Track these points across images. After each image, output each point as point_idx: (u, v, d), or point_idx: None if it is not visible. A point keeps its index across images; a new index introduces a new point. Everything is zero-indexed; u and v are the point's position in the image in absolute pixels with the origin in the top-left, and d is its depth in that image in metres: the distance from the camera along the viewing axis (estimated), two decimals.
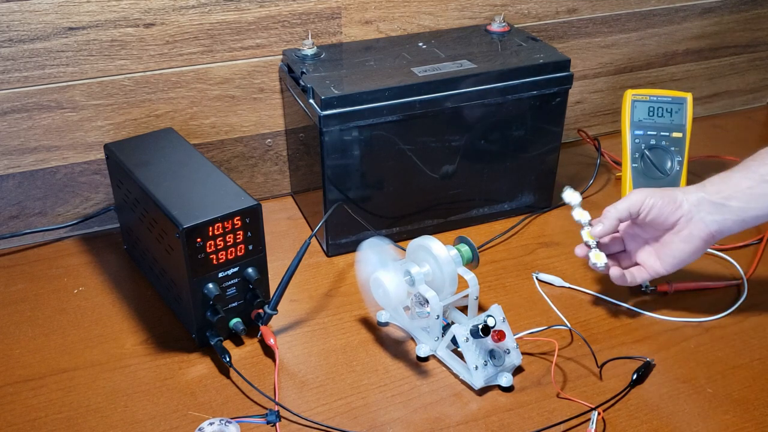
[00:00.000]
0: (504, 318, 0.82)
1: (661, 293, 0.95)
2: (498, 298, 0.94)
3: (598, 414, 0.76)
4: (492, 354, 0.81)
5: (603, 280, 0.97)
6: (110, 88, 1.00)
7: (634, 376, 0.81)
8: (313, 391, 0.81)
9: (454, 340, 0.81)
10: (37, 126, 0.99)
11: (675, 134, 1.08)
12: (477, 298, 0.85)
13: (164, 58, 1.01)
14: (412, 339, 0.88)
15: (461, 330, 0.80)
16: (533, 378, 0.82)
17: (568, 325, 0.89)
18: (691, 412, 0.78)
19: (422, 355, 0.85)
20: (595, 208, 1.14)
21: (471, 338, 0.80)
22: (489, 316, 0.80)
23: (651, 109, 1.09)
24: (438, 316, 0.82)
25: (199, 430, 0.74)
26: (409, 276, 0.83)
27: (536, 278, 0.97)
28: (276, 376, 0.81)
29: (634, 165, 1.08)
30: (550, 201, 1.14)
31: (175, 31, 1.00)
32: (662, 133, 1.08)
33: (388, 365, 0.84)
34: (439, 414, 0.78)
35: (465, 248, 0.86)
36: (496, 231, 1.08)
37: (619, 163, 1.19)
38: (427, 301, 0.82)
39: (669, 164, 1.07)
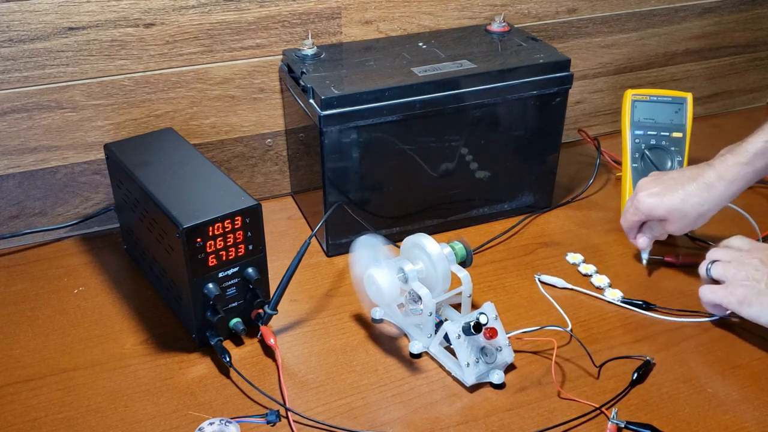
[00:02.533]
0: (496, 316, 0.82)
1: (669, 264, 0.97)
2: (498, 298, 0.94)
3: (600, 413, 0.77)
4: (484, 351, 0.81)
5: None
6: (110, 88, 1.00)
7: (635, 376, 0.81)
8: (313, 391, 0.81)
9: (446, 337, 0.81)
10: (37, 126, 0.99)
11: (675, 134, 1.08)
12: (470, 295, 0.85)
13: (164, 58, 1.01)
14: (406, 336, 0.88)
15: (453, 327, 0.80)
16: (533, 378, 0.82)
17: (570, 325, 0.89)
18: (691, 412, 0.78)
19: (415, 351, 0.85)
20: (595, 208, 1.15)
21: (463, 335, 0.80)
22: (481, 313, 0.80)
23: (651, 109, 1.09)
24: (431, 313, 0.82)
25: (199, 430, 0.74)
26: (402, 273, 0.83)
27: (538, 280, 0.97)
28: (281, 378, 0.81)
29: (634, 165, 1.08)
30: (550, 201, 1.14)
31: (175, 31, 1.00)
32: (662, 133, 1.08)
33: (389, 365, 0.84)
34: (439, 414, 0.78)
35: (459, 246, 0.86)
36: (496, 231, 1.08)
37: (619, 163, 1.19)
38: (420, 299, 0.82)
39: (669, 164, 1.07)
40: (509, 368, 0.83)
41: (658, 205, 0.92)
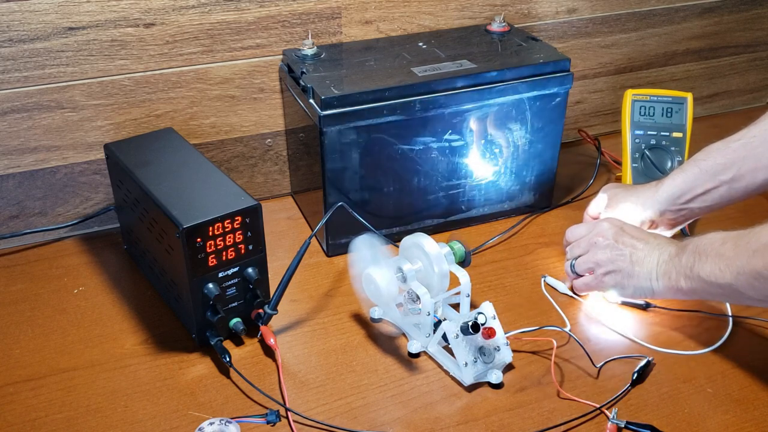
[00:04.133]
0: (495, 315, 0.82)
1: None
2: (498, 298, 0.94)
3: (601, 413, 0.77)
4: (482, 351, 0.81)
5: None
6: (110, 88, 1.00)
7: (635, 376, 0.81)
8: (313, 391, 0.81)
9: (444, 337, 0.81)
10: (37, 126, 0.99)
11: (675, 134, 1.08)
12: (469, 295, 0.85)
13: (164, 58, 1.01)
14: (404, 335, 0.88)
15: (452, 326, 0.80)
16: (533, 378, 0.82)
17: (568, 325, 0.89)
18: (691, 412, 0.78)
19: (414, 351, 0.85)
20: None
21: (461, 335, 0.80)
22: (479, 313, 0.80)
23: (651, 109, 1.09)
24: (429, 312, 0.82)
25: (199, 430, 0.74)
26: (401, 273, 0.83)
27: (544, 281, 0.97)
28: (281, 378, 0.81)
29: (634, 165, 1.08)
30: (550, 201, 1.14)
31: (175, 31, 1.00)
32: (662, 133, 1.08)
33: (389, 365, 0.84)
34: (440, 414, 0.78)
35: (457, 246, 0.86)
36: (496, 231, 1.08)
37: (619, 163, 1.19)
38: (419, 298, 0.82)
39: (669, 164, 1.07)
40: (508, 368, 0.83)
41: (612, 186, 0.99)
